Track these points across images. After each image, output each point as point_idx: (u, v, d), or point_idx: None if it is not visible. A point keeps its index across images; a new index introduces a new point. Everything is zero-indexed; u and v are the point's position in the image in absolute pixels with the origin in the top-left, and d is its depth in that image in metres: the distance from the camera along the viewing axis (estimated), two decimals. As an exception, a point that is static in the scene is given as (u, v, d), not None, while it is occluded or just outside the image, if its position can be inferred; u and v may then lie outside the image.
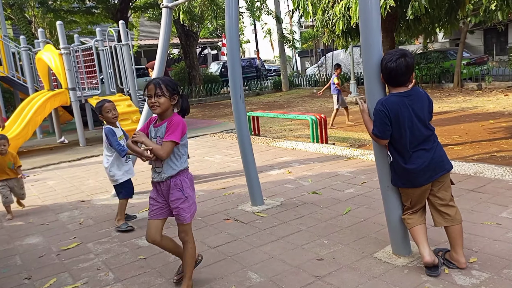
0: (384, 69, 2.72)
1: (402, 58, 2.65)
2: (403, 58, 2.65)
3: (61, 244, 3.87)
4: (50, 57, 9.27)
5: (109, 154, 4.14)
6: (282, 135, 9.69)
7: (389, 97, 2.74)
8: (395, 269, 2.85)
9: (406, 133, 2.68)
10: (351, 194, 4.48)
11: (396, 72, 2.66)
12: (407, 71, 2.67)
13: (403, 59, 2.65)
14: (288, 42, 23.23)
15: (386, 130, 2.70)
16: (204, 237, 3.73)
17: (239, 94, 4.28)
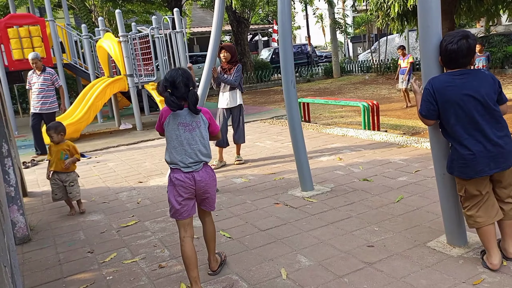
0: (443, 51, 2.61)
1: (464, 39, 2.53)
2: (465, 39, 2.53)
3: (120, 221, 4.11)
4: (109, 45, 9.70)
5: None
6: (333, 121, 9.57)
7: (439, 75, 2.64)
8: (449, 259, 2.78)
9: (456, 115, 2.52)
10: (404, 182, 4.38)
11: (457, 54, 2.54)
12: (468, 53, 2.54)
13: (465, 41, 2.52)
14: (340, 27, 22.71)
15: (430, 109, 2.60)
16: (254, 220, 3.82)
17: (290, 80, 4.28)
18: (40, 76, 7.17)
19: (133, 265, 3.17)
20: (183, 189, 2.65)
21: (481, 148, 2.50)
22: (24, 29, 10.28)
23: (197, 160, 2.66)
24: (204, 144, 2.69)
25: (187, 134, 2.64)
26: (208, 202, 2.82)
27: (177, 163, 2.65)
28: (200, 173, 2.68)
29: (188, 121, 2.65)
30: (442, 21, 6.95)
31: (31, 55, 7.25)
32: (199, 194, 2.73)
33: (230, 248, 3.29)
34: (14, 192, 3.67)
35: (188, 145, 2.64)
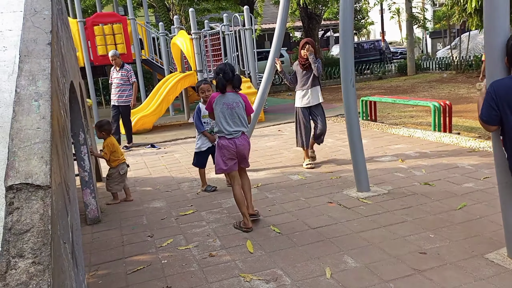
0: (509, 51, 2.45)
1: None
2: None
3: (180, 210, 4.35)
4: (182, 42, 10.17)
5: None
6: (401, 121, 9.20)
7: (503, 79, 2.48)
8: (507, 273, 2.61)
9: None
10: (469, 189, 4.13)
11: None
12: None
13: None
14: (417, 22, 21.60)
15: (491, 114, 2.48)
16: (306, 217, 3.84)
17: (349, 78, 4.22)
18: (119, 72, 7.73)
19: (187, 252, 3.35)
20: (227, 151, 3.63)
21: None
22: (108, 27, 11.10)
23: (237, 129, 3.64)
24: (242, 118, 3.68)
25: (229, 111, 3.63)
26: (245, 161, 3.75)
27: (223, 131, 3.64)
28: (240, 139, 3.66)
29: (231, 102, 3.64)
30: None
31: (110, 52, 7.84)
32: (239, 155, 3.67)
33: (278, 243, 3.36)
34: (88, 176, 4.03)
35: (230, 119, 3.63)
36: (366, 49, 24.41)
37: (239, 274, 2.92)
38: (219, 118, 3.63)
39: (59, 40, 2.83)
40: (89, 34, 11.00)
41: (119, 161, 4.71)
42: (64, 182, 2.02)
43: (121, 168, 4.70)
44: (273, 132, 8.47)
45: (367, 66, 21.86)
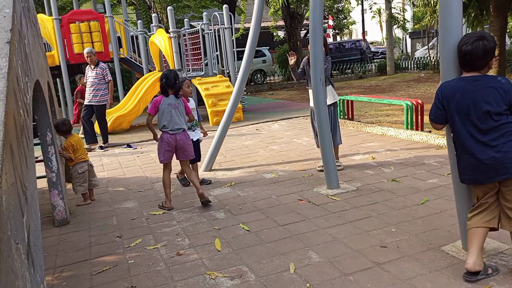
0: (459, 52, 2.54)
1: (480, 41, 2.45)
2: (481, 41, 2.45)
3: (151, 210, 4.37)
4: (160, 40, 10.14)
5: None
6: (377, 120, 9.35)
7: (451, 80, 2.59)
8: (461, 264, 2.71)
9: (462, 122, 2.50)
10: (433, 185, 4.26)
11: (472, 55, 2.47)
12: (485, 55, 2.45)
13: (481, 42, 2.44)
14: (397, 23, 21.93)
15: (437, 114, 2.60)
16: (275, 215, 3.91)
17: (319, 77, 4.30)
18: (94, 70, 7.66)
19: (154, 251, 3.38)
20: (167, 145, 4.24)
21: (486, 156, 2.45)
22: (85, 24, 10.99)
23: (179, 127, 4.23)
24: (183, 118, 4.29)
25: (174, 111, 4.21)
26: (186, 153, 4.33)
27: (167, 128, 4.21)
28: (180, 135, 4.25)
29: (174, 103, 4.24)
30: (494, 18, 6.57)
31: (86, 49, 7.77)
32: (178, 148, 4.28)
33: (246, 240, 3.41)
34: (55, 177, 4.02)
35: (175, 117, 4.21)
36: (347, 48, 24.64)
37: (205, 272, 2.96)
38: (165, 117, 4.20)
39: (22, 39, 2.82)
40: (65, 32, 10.87)
41: (77, 160, 4.68)
42: (20, 182, 2.03)
43: (79, 167, 4.67)
44: (251, 131, 8.53)
45: (348, 66, 22.09)
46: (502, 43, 6.56)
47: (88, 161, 4.82)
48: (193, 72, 10.43)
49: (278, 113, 10.60)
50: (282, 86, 19.62)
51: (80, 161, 4.69)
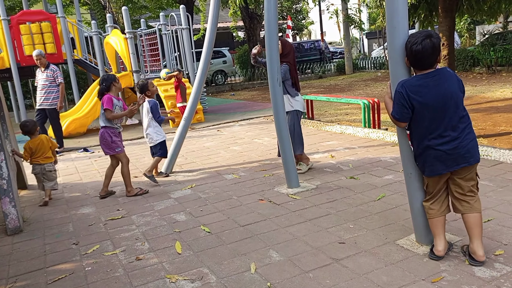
0: (409, 52, 2.63)
1: (428, 39, 2.55)
2: (428, 39, 2.55)
3: (109, 215, 4.26)
4: (116, 41, 9.90)
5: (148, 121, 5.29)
6: (337, 119, 9.55)
7: (410, 78, 2.67)
8: (414, 257, 2.82)
9: (430, 117, 2.58)
10: (389, 181, 4.40)
11: (422, 54, 2.56)
12: (434, 52, 2.56)
13: (428, 40, 2.55)
14: (353, 23, 22.50)
15: (404, 113, 2.65)
16: (236, 215, 3.91)
17: (276, 78, 4.34)
18: (44, 72, 7.37)
19: (113, 257, 3.29)
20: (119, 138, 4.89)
21: (449, 147, 2.58)
22: (36, 25, 10.55)
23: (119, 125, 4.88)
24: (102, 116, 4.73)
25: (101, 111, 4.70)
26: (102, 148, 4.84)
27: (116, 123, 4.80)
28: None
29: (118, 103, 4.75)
30: (442, 19, 6.85)
31: (34, 52, 7.46)
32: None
33: (207, 242, 3.39)
34: (6, 184, 3.84)
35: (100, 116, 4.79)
36: (306, 49, 25.01)
37: (165, 276, 2.92)
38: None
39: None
40: (15, 33, 10.40)
41: (32, 162, 4.80)
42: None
43: (32, 168, 4.83)
44: (212, 132, 8.49)
45: (308, 66, 22.43)
46: (450, 42, 6.85)
47: (43, 164, 4.77)
48: (151, 73, 10.25)
49: (239, 113, 10.61)
50: (243, 87, 19.66)
51: (33, 163, 4.80)
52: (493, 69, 15.52)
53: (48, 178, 4.79)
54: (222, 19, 28.98)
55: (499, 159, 4.68)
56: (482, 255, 2.59)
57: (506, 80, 13.36)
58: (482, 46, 15.86)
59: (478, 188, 2.72)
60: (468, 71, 16.56)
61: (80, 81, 15.69)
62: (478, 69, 16.18)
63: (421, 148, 2.68)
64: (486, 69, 15.66)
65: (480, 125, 7.26)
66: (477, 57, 16.10)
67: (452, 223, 3.22)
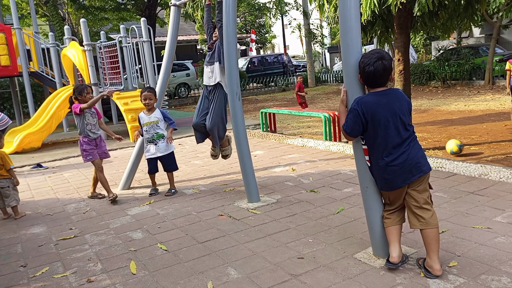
0: (362, 72, 2.70)
1: (380, 61, 2.62)
2: (380, 61, 2.62)
3: (61, 234, 4.05)
4: (74, 54, 9.62)
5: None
6: (299, 132, 9.65)
7: (366, 96, 2.72)
8: (371, 270, 2.83)
9: (382, 133, 2.66)
10: (348, 193, 4.44)
11: (374, 75, 2.64)
12: (385, 73, 2.64)
13: (380, 62, 2.62)
14: (314, 38, 23.00)
15: (355, 129, 2.72)
16: (195, 232, 3.81)
17: (235, 92, 4.32)
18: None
19: (62, 280, 3.12)
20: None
21: (401, 160, 2.64)
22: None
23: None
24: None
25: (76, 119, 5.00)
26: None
27: (93, 132, 5.07)
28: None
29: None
30: (398, 36, 7.07)
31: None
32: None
33: (164, 261, 3.28)
34: None
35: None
36: (270, 62, 25.30)
37: (117, 298, 2.79)
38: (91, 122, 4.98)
39: None
40: (-34, 45, 9.92)
41: None
42: None
43: None
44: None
45: (271, 79, 22.67)
46: (406, 58, 7.08)
47: None
48: (111, 87, 10.01)
49: (202, 127, 10.50)
50: (207, 100, 19.54)
51: None
52: (448, 83, 16.22)
53: (4, 195, 4.58)
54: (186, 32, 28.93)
55: (453, 170, 4.84)
56: (439, 269, 2.63)
57: (460, 94, 13.98)
58: (438, 61, 16.58)
59: (432, 201, 2.78)
60: (424, 85, 17.23)
61: (36, 93, 15.15)
62: (434, 83, 16.87)
63: (377, 164, 2.74)
64: (441, 83, 16.36)
65: (435, 137, 7.52)
66: (432, 71, 16.80)
67: (408, 235, 3.27)
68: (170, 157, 5.09)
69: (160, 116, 5.01)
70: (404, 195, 2.75)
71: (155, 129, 4.97)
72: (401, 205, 2.81)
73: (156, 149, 4.99)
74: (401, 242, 2.89)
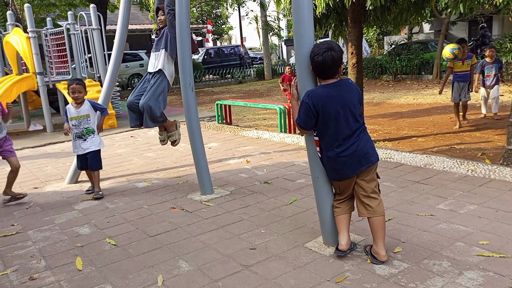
0: (312, 62, 2.72)
1: (329, 51, 2.64)
2: (329, 51, 2.64)
3: (2, 231, 3.83)
4: (17, 41, 9.09)
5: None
6: (255, 124, 9.67)
7: (316, 89, 2.74)
8: (321, 259, 2.88)
9: (333, 125, 2.69)
10: (301, 184, 4.50)
11: (323, 65, 2.66)
12: (334, 64, 2.66)
13: (329, 53, 2.64)
14: (272, 30, 23.08)
15: (308, 122, 2.74)
16: (146, 225, 3.72)
17: (188, 82, 4.23)
18: None
19: (2, 278, 2.95)
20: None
21: (350, 151, 2.69)
22: None
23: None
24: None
25: None
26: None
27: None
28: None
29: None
30: (351, 29, 7.20)
31: None
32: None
33: (112, 256, 3.18)
34: None
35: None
36: (226, 54, 25.13)
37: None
38: None
39: None
40: None
41: None
42: None
43: None
44: (125, 138, 8.11)
45: (228, 71, 22.55)
46: (359, 52, 7.24)
47: None
48: (58, 76, 9.56)
49: (156, 118, 10.27)
50: (162, 91, 19.16)
51: None
52: (398, 77, 16.80)
53: None
54: (140, 21, 28.11)
55: (400, 161, 5.02)
56: (384, 255, 2.72)
57: (409, 88, 14.53)
58: (389, 55, 17.12)
59: (380, 190, 2.86)
60: (377, 79, 17.76)
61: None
62: (385, 77, 17.43)
63: (327, 155, 2.78)
64: (392, 77, 16.92)
65: (386, 129, 7.78)
66: (384, 65, 17.33)
67: (356, 223, 3.35)
68: (96, 155, 4.70)
69: (91, 109, 4.63)
70: (353, 184, 2.81)
71: (84, 123, 4.61)
72: (350, 194, 2.87)
73: (84, 144, 4.65)
74: (350, 230, 2.96)
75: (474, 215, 3.39)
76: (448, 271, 2.58)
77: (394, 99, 12.02)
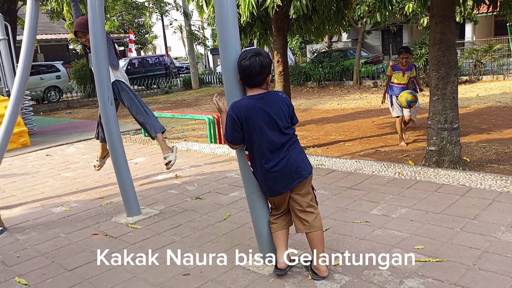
0: (239, 67, 2.57)
1: (257, 56, 2.51)
2: (257, 56, 2.51)
3: None
4: None
5: None
6: (183, 135, 9.34)
7: (240, 100, 2.59)
8: (261, 279, 2.71)
9: (258, 139, 2.54)
10: (235, 198, 4.32)
11: (250, 70, 2.51)
12: (262, 70, 2.52)
13: (257, 58, 2.50)
14: (196, 40, 22.81)
15: (235, 136, 2.58)
16: (63, 258, 3.30)
17: (107, 96, 3.88)
18: None
19: None
20: None
21: (280, 166, 2.55)
22: None
23: None
24: None
25: None
26: None
27: None
28: None
29: None
30: (276, 38, 7.19)
31: None
32: None
33: (22, 298, 2.75)
34: None
35: None
36: (151, 63, 24.40)
37: None
38: None
39: None
40: None
41: None
42: None
43: None
44: (40, 157, 7.39)
45: (154, 81, 21.84)
46: (284, 59, 7.28)
47: None
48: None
49: (75, 134, 9.56)
50: (82, 104, 18.07)
51: None
52: (322, 84, 17.36)
53: None
54: (55, 31, 26.44)
55: (331, 167, 5.04)
56: (325, 270, 2.61)
57: (333, 93, 15.05)
58: (312, 63, 17.67)
59: (317, 202, 2.75)
60: (302, 85, 18.22)
61: None
62: (310, 84, 17.93)
63: (258, 171, 2.64)
64: (317, 83, 17.45)
65: (314, 135, 7.87)
66: (309, 72, 17.84)
67: (294, 236, 3.22)
68: None
69: None
70: (288, 199, 2.68)
71: None
72: (286, 209, 2.74)
73: None
74: (289, 245, 2.84)
75: (406, 218, 3.43)
76: (389, 281, 2.54)
77: (320, 105, 12.33)
